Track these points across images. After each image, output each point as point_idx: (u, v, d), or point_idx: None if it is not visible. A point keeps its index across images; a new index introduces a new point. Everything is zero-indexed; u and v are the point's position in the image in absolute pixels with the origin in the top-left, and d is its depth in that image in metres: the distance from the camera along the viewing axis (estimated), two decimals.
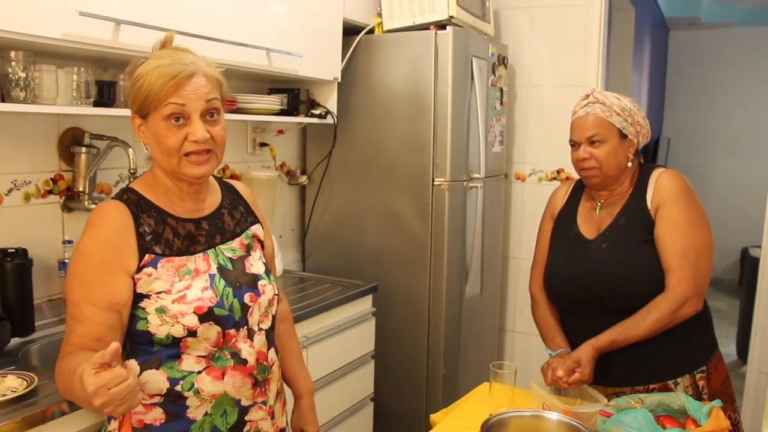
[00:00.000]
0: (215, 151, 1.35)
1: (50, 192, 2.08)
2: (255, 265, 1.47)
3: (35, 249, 1.97)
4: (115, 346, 1.07)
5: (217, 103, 1.34)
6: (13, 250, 1.89)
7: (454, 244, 2.89)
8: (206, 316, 1.31)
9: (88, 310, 1.27)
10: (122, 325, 1.31)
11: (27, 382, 1.53)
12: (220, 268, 1.39)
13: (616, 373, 1.79)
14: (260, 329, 1.44)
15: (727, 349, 4.81)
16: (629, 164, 1.83)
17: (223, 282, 1.37)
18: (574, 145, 1.85)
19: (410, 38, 2.84)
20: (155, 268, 1.32)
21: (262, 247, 1.55)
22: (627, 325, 1.73)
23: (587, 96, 1.84)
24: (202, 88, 1.30)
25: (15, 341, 1.86)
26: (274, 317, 1.50)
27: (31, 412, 1.43)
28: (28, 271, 1.91)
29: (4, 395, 1.46)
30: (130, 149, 2.02)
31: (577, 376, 1.68)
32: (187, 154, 1.31)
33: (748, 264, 5.20)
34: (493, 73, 3.15)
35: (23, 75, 1.74)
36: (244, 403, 1.39)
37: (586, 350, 1.72)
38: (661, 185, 1.79)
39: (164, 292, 1.31)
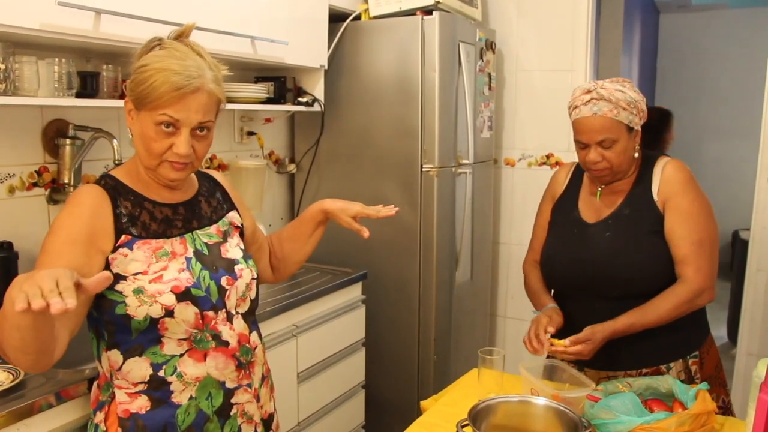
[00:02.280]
0: (193, 163, 1.36)
1: (35, 185, 2.07)
2: (231, 250, 1.48)
3: (21, 242, 1.96)
4: (106, 274, 1.06)
5: (210, 124, 1.35)
6: None
7: (444, 231, 2.89)
8: (183, 295, 1.32)
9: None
10: (80, 304, 1.13)
11: (13, 375, 1.52)
12: (197, 252, 1.41)
13: (609, 358, 1.80)
14: (238, 313, 1.44)
15: (718, 331, 4.84)
16: (636, 154, 1.81)
17: (199, 265, 1.38)
18: (580, 143, 1.79)
19: (397, 24, 2.82)
20: (131, 249, 1.32)
21: (242, 233, 1.57)
22: (645, 310, 1.73)
23: (589, 91, 1.73)
24: (200, 106, 1.31)
25: None
26: (252, 301, 1.50)
27: (17, 405, 1.43)
28: (13, 264, 1.90)
29: None
30: (115, 140, 2.00)
31: (579, 348, 1.68)
32: (167, 160, 1.33)
33: (739, 247, 5.22)
34: (481, 58, 3.14)
35: (2, 66, 1.72)
36: (229, 385, 1.40)
37: (603, 333, 1.70)
38: (668, 177, 1.78)
39: (141, 273, 1.31)
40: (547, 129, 3.42)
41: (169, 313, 1.31)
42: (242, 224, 1.58)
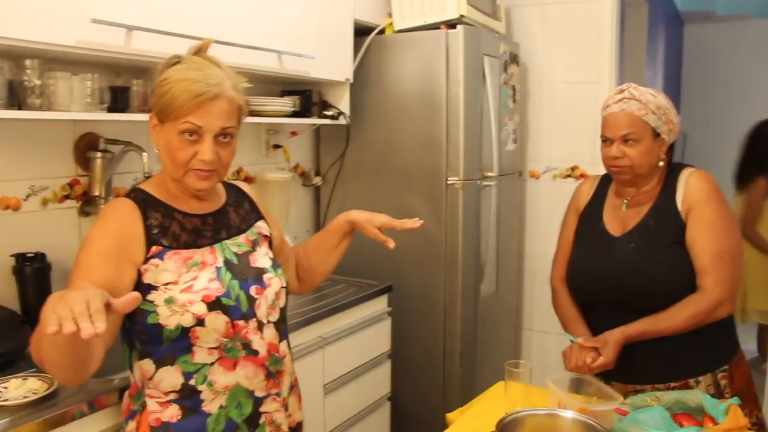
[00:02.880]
0: (219, 171, 1.39)
1: (67, 197, 2.11)
2: (260, 259, 1.50)
3: (53, 253, 1.99)
4: (135, 295, 1.08)
5: (232, 130, 1.38)
6: (32, 255, 1.92)
7: (469, 243, 2.89)
8: (214, 304, 1.34)
9: (81, 284, 1.22)
10: (115, 316, 1.21)
11: (48, 384, 1.55)
12: (227, 262, 1.43)
13: (636, 371, 1.79)
14: (269, 322, 1.46)
15: (748, 345, 4.75)
16: (660, 163, 1.81)
17: (229, 275, 1.40)
18: (606, 140, 1.81)
19: (421, 38, 2.84)
20: (162, 259, 1.35)
21: (270, 243, 1.59)
22: (659, 317, 1.72)
23: (622, 91, 1.78)
24: (222, 113, 1.34)
25: None
26: (282, 310, 1.52)
27: (52, 413, 1.45)
28: (46, 275, 1.94)
29: (25, 397, 1.48)
30: (145, 153, 2.04)
31: (602, 360, 1.68)
32: (192, 169, 1.35)
33: None
34: (505, 71, 3.15)
35: (38, 82, 1.76)
36: (258, 394, 1.42)
37: (615, 335, 1.72)
38: (692, 187, 1.77)
39: (172, 283, 1.34)
40: (572, 141, 3.41)
41: (200, 322, 1.33)
42: (270, 233, 1.60)
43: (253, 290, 1.43)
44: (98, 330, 0.96)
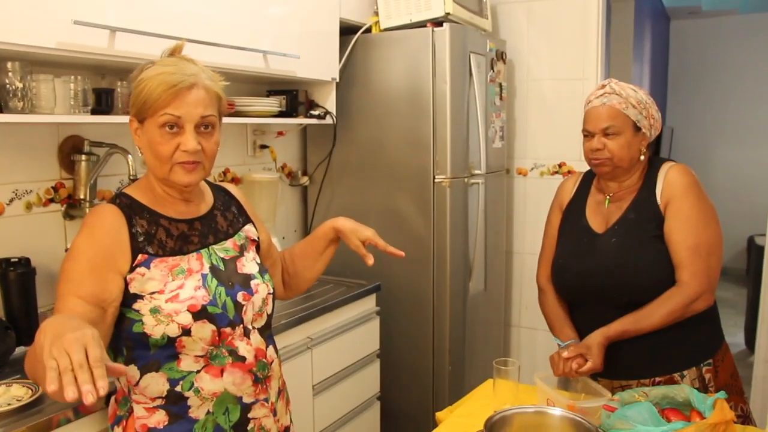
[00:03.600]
0: (203, 163, 1.37)
1: (51, 200, 2.09)
2: (247, 265, 1.49)
3: (38, 257, 1.98)
4: (123, 369, 1.06)
5: (212, 119, 1.36)
6: (16, 260, 1.90)
7: (457, 241, 2.89)
8: (200, 314, 1.33)
9: (72, 301, 1.25)
10: (105, 326, 1.28)
11: (32, 391, 1.54)
12: (213, 268, 1.41)
13: (621, 366, 1.79)
14: (254, 328, 1.45)
15: (735, 338, 4.79)
16: (642, 157, 1.82)
17: (215, 281, 1.39)
18: (588, 135, 1.83)
19: (407, 36, 2.84)
20: (148, 268, 1.33)
21: (258, 247, 1.57)
22: (638, 315, 1.73)
23: (603, 86, 1.81)
24: (200, 101, 1.33)
25: (20, 350, 1.86)
26: (269, 316, 1.51)
27: (36, 420, 1.44)
28: (31, 279, 1.92)
29: (9, 404, 1.47)
30: (130, 156, 2.02)
31: (589, 365, 1.69)
32: (178, 163, 1.33)
33: (755, 253, 5.19)
34: (492, 68, 3.15)
35: (20, 85, 1.74)
36: (246, 400, 1.41)
37: (597, 338, 1.73)
38: (670, 180, 1.78)
39: (157, 292, 1.32)
40: (559, 138, 3.42)
41: (186, 331, 1.32)
42: (258, 237, 1.59)
43: (240, 296, 1.42)
44: (101, 393, 0.94)
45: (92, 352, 0.97)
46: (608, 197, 1.88)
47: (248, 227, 1.57)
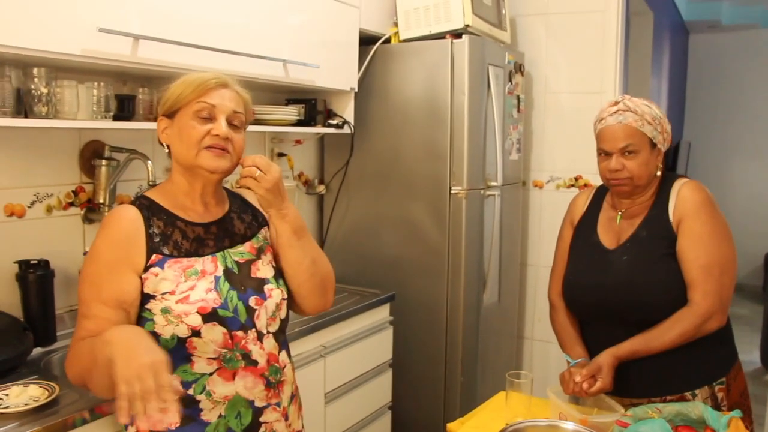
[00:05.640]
0: (231, 155, 1.40)
1: (71, 204, 2.12)
2: (262, 269, 1.49)
3: (57, 260, 2.00)
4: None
5: (241, 117, 1.42)
6: (36, 262, 1.93)
7: (472, 253, 2.89)
8: (210, 316, 1.34)
9: (97, 308, 1.31)
10: (130, 324, 1.34)
11: (49, 391, 1.55)
12: (227, 271, 1.42)
13: (632, 384, 1.78)
14: (269, 332, 1.46)
15: (751, 356, 4.75)
16: (658, 173, 1.81)
17: (227, 285, 1.40)
18: (603, 153, 1.80)
19: (426, 47, 2.85)
20: (162, 268, 1.35)
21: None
22: (649, 336, 1.71)
23: (616, 103, 1.78)
24: (232, 98, 1.41)
25: (37, 351, 1.89)
26: (283, 321, 1.51)
27: (53, 421, 1.46)
28: (49, 282, 1.94)
29: (26, 404, 1.49)
30: (149, 161, 2.05)
31: (599, 385, 1.67)
32: (206, 147, 1.37)
33: None
34: (510, 80, 3.15)
35: (45, 91, 1.77)
36: (258, 404, 1.42)
37: (607, 358, 1.71)
38: (683, 198, 1.76)
39: (169, 293, 1.34)
40: (576, 151, 3.42)
41: (196, 333, 1.33)
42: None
43: (252, 301, 1.43)
44: (172, 421, 1.15)
45: (163, 379, 1.09)
46: (620, 213, 1.87)
47: (265, 230, 1.57)
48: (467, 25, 2.80)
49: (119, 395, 1.07)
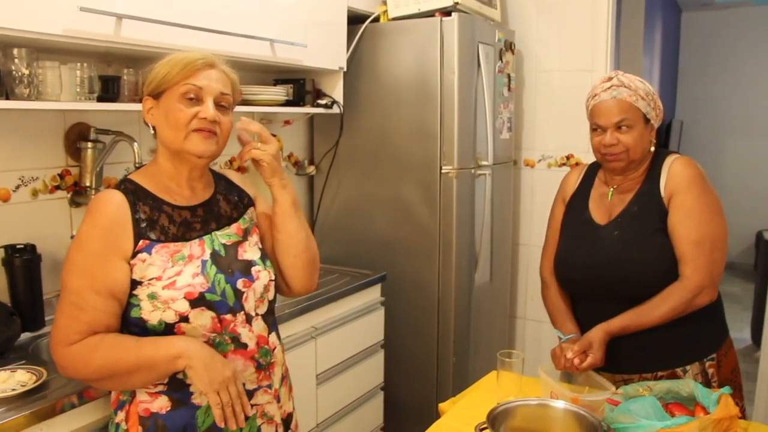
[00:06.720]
0: (219, 137, 1.39)
1: (57, 187, 2.10)
2: (249, 251, 1.48)
3: (43, 244, 1.98)
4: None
5: (228, 98, 1.41)
6: (22, 246, 1.91)
7: (463, 232, 2.88)
8: (198, 301, 1.33)
9: (92, 299, 1.29)
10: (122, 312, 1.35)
11: (36, 376, 1.54)
12: (213, 254, 1.41)
13: (624, 360, 1.78)
14: (257, 314, 1.46)
15: (742, 333, 4.78)
16: (651, 148, 1.81)
17: (214, 268, 1.39)
18: (597, 129, 1.80)
19: (415, 26, 2.82)
20: (149, 253, 1.34)
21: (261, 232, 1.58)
22: (640, 311, 1.72)
23: (610, 78, 1.78)
24: (219, 79, 1.39)
25: (25, 336, 1.88)
26: (271, 302, 1.51)
27: (41, 405, 1.45)
28: (36, 266, 1.93)
29: (14, 389, 1.48)
30: (135, 143, 2.02)
31: (590, 360, 1.68)
32: (194, 130, 1.36)
33: (763, 248, 5.16)
34: (500, 59, 3.13)
35: (27, 72, 1.74)
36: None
37: (598, 333, 1.71)
38: (674, 173, 1.76)
39: (155, 278, 1.33)
40: (567, 129, 3.40)
41: (184, 318, 1.32)
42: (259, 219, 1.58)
43: (240, 284, 1.42)
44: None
45: (240, 387, 1.33)
46: (612, 189, 1.87)
47: (251, 210, 1.57)
48: (456, 3, 2.77)
49: (214, 404, 1.28)
